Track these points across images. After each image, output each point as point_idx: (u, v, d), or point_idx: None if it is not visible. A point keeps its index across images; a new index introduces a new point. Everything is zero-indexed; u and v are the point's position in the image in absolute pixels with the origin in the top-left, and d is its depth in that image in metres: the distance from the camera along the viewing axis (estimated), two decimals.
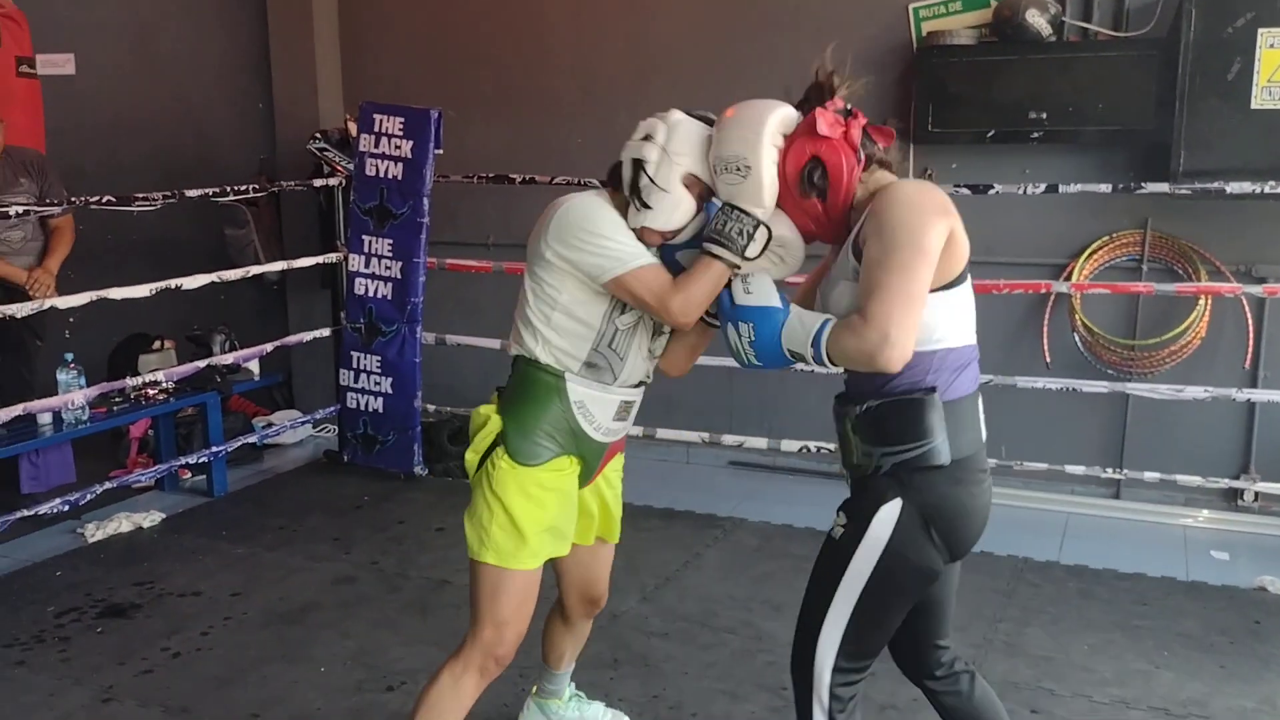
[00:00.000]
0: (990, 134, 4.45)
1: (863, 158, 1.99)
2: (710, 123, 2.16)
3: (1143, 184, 4.13)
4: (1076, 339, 4.54)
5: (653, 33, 5.12)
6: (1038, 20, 4.29)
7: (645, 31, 5.14)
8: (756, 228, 2.04)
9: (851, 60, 2.06)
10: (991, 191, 4.24)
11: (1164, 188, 4.07)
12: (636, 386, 2.34)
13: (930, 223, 1.85)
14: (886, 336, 1.80)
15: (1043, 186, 4.20)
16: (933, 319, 1.89)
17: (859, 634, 1.96)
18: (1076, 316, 4.53)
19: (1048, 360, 4.56)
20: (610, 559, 2.62)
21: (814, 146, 1.98)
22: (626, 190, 2.18)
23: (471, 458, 2.26)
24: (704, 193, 2.16)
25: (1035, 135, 4.38)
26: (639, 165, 2.15)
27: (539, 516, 2.22)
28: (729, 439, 4.73)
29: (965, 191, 4.21)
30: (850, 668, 1.99)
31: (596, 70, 5.25)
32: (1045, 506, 4.58)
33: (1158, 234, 4.42)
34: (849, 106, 2.03)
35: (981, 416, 2.01)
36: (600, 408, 2.27)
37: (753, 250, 2.05)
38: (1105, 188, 4.17)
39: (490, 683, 2.28)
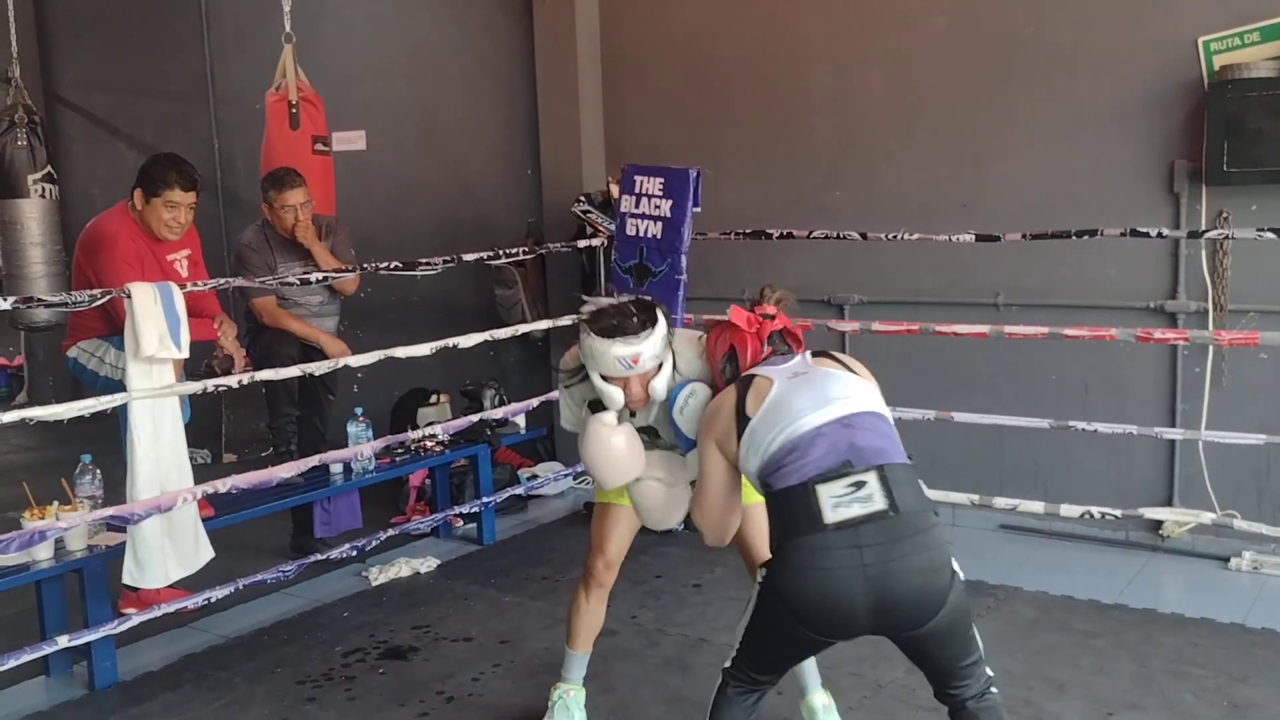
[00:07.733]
0: None
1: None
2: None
3: None
4: None
5: (916, 79, 4.98)
6: None
7: (908, 79, 5.00)
8: None
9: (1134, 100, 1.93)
10: None
11: None
12: None
13: (704, 434, 2.58)
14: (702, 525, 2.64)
15: None
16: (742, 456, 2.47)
17: (745, 639, 2.50)
18: None
19: None
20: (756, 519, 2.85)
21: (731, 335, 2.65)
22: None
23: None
24: None
25: None
26: None
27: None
28: (1001, 502, 4.47)
29: (1270, 235, 3.84)
30: (741, 663, 2.51)
31: (855, 121, 5.16)
32: None
33: None
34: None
35: (831, 506, 2.25)
36: None
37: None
38: None
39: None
